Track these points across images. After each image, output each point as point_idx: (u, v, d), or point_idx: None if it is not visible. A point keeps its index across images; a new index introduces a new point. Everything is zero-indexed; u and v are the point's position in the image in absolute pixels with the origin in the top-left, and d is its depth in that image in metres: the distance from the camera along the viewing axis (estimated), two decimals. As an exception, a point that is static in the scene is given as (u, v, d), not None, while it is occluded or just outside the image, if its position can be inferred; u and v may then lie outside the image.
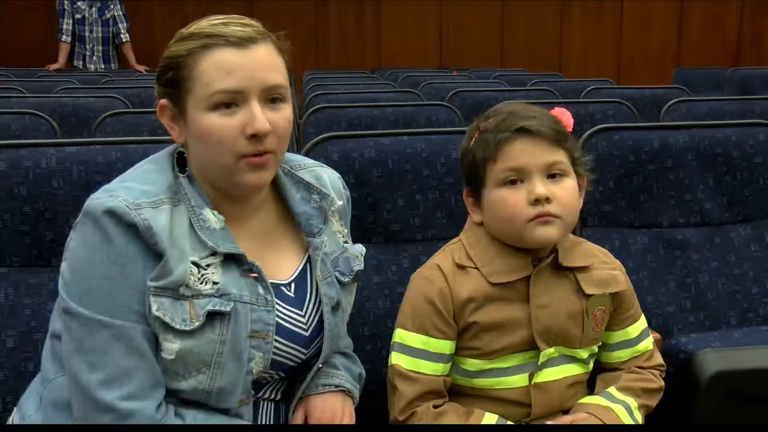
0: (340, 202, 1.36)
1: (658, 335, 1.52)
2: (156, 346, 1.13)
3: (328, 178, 1.36)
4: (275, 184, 1.30)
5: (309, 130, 2.74)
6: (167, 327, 1.12)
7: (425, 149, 1.71)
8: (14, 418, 1.27)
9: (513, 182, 1.29)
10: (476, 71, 6.14)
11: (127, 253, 1.11)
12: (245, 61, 1.15)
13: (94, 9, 6.33)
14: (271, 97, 1.18)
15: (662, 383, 1.40)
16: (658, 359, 1.43)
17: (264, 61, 1.17)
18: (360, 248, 1.39)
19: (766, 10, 8.46)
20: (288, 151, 1.29)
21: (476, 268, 1.33)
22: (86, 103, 3.13)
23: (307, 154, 1.66)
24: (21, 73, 5.44)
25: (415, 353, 1.31)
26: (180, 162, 1.23)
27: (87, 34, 6.35)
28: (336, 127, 2.74)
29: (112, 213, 1.11)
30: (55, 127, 2.62)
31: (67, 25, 6.28)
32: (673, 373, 1.45)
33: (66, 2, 6.25)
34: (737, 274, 1.90)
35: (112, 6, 6.39)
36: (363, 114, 2.81)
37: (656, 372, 1.41)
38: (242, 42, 1.15)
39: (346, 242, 1.36)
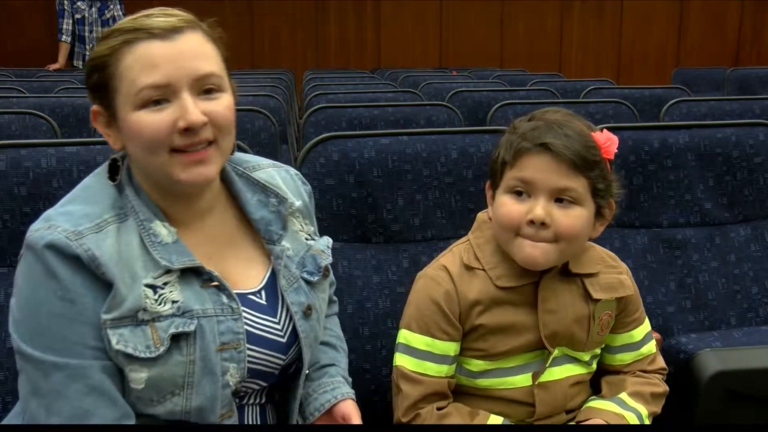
0: (298, 203, 1.28)
1: (658, 335, 1.52)
2: (121, 377, 1.07)
3: (282, 178, 1.30)
4: (229, 188, 1.25)
5: (309, 130, 2.74)
6: (131, 358, 1.05)
7: (425, 149, 1.71)
8: None
9: (519, 193, 1.26)
10: (476, 71, 6.15)
11: (75, 288, 1.04)
12: (171, 52, 1.07)
13: (94, 9, 6.32)
14: (205, 89, 1.10)
15: (666, 388, 1.39)
16: (661, 363, 1.42)
17: (192, 51, 1.09)
18: (326, 241, 1.33)
19: (766, 10, 8.47)
20: (288, 151, 1.26)
21: (484, 269, 1.32)
22: (86, 103, 3.09)
23: (307, 154, 1.66)
24: (21, 73, 5.45)
25: (420, 355, 1.30)
26: (112, 170, 1.15)
27: (87, 34, 6.34)
28: (336, 127, 2.73)
29: (52, 247, 1.04)
30: (55, 127, 2.62)
31: (67, 25, 6.27)
32: (673, 373, 1.45)
33: (66, 2, 6.25)
34: (737, 274, 1.90)
35: (112, 6, 6.38)
36: (363, 114, 2.80)
37: (659, 376, 1.41)
38: (166, 33, 1.08)
39: (310, 239, 1.30)
